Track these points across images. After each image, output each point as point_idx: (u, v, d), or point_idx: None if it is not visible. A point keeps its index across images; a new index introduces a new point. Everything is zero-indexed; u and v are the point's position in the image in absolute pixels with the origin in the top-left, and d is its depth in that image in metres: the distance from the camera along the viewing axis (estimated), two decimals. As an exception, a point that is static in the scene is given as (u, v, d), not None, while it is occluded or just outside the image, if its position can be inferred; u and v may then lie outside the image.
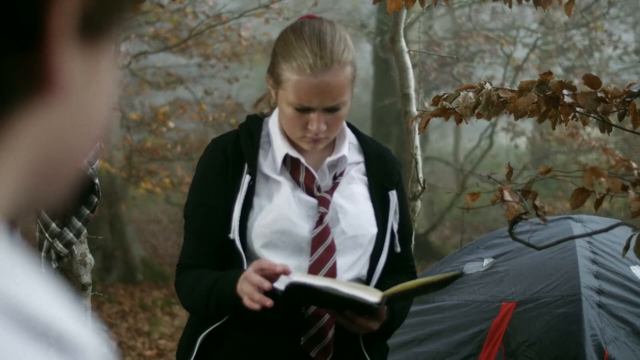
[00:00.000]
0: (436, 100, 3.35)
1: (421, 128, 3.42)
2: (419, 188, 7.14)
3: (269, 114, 2.75)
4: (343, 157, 2.69)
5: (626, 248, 2.86)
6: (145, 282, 12.37)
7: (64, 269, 3.66)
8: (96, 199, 3.51)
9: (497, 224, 11.78)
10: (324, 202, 2.62)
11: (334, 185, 2.68)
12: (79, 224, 3.49)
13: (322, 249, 2.59)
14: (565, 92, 3.11)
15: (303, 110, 2.52)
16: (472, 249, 4.94)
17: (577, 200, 2.89)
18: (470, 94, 3.21)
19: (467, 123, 3.31)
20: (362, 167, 2.77)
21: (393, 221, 2.75)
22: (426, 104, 8.46)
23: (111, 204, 12.23)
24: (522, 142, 17.39)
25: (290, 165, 2.65)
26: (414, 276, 2.86)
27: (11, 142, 0.57)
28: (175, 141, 13.26)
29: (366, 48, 16.83)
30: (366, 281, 2.68)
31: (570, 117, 3.24)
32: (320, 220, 2.61)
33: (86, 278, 3.73)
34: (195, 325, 2.68)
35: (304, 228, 2.60)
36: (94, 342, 0.59)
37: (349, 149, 2.74)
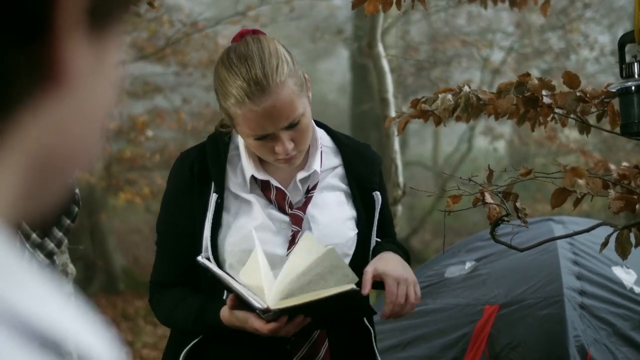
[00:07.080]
0: (415, 103, 3.33)
1: (399, 129, 3.40)
2: (400, 192, 7.18)
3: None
4: (315, 173, 2.61)
5: (604, 244, 2.86)
6: (127, 291, 12.32)
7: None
8: (77, 209, 3.49)
9: (478, 227, 11.77)
10: (296, 220, 2.54)
11: (307, 200, 2.60)
12: (60, 234, 3.47)
13: None
14: (544, 92, 3.10)
15: (263, 138, 2.41)
16: (453, 253, 4.95)
17: (558, 200, 2.89)
18: (449, 97, 3.19)
19: (445, 126, 3.30)
20: (339, 170, 2.69)
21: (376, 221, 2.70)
22: (404, 108, 8.47)
23: (91, 214, 12.19)
24: (500, 145, 17.47)
25: (261, 183, 2.58)
26: (394, 241, 2.83)
27: (16, 138, 0.56)
28: (154, 150, 13.22)
29: (343, 54, 16.85)
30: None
31: (549, 119, 3.24)
32: (293, 240, 2.52)
33: (68, 288, 3.71)
34: (178, 339, 2.64)
35: (275, 245, 2.53)
36: (110, 353, 0.57)
37: (324, 154, 2.67)
